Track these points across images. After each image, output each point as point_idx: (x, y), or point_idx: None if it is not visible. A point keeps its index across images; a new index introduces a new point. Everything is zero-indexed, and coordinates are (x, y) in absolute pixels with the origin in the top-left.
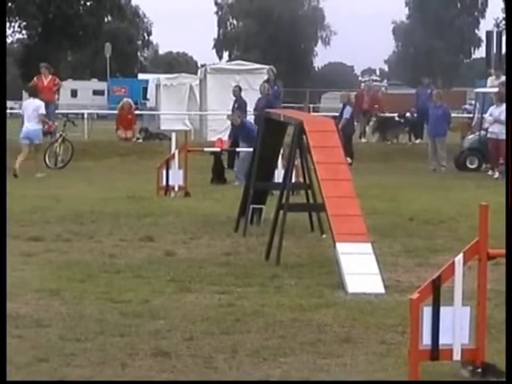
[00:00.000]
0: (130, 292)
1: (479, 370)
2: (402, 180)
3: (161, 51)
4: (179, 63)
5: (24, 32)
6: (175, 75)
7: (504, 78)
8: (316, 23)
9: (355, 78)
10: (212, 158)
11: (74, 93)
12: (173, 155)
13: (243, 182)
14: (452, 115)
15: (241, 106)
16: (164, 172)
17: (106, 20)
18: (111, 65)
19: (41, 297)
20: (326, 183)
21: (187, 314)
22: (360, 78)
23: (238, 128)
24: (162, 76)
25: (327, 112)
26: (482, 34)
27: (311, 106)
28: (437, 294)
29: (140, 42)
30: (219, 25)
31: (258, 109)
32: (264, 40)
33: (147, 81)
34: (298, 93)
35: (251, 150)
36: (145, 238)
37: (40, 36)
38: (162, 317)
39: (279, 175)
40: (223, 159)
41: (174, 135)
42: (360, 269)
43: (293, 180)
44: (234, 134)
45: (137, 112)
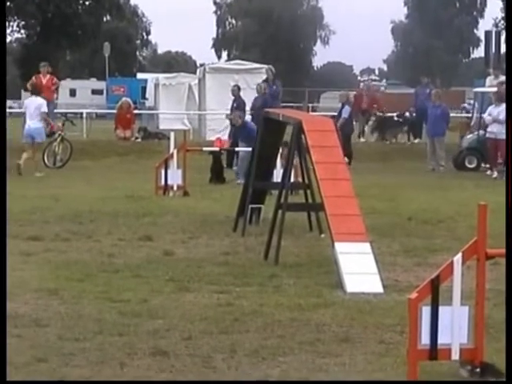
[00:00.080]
0: (129, 291)
1: (478, 370)
2: (401, 179)
3: (160, 51)
4: (178, 63)
5: (23, 31)
6: (174, 75)
7: (503, 78)
8: (315, 23)
9: (354, 78)
10: (211, 158)
11: (73, 92)
12: (171, 155)
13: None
14: (451, 115)
15: (240, 106)
16: (163, 171)
17: (105, 19)
18: (110, 64)
19: (39, 296)
20: (325, 183)
21: (186, 314)
22: (359, 78)
23: (239, 128)
24: (161, 75)
25: (326, 111)
26: (481, 34)
27: (310, 106)
28: (435, 294)
29: (139, 42)
30: (218, 24)
31: (255, 108)
32: (263, 39)
33: (146, 80)
34: (297, 92)
35: (250, 150)
36: (143, 238)
37: (39, 35)
38: (161, 316)
39: (278, 175)
40: (222, 159)
41: (173, 135)
42: (358, 268)
43: (292, 179)
44: (234, 134)
45: (135, 111)
